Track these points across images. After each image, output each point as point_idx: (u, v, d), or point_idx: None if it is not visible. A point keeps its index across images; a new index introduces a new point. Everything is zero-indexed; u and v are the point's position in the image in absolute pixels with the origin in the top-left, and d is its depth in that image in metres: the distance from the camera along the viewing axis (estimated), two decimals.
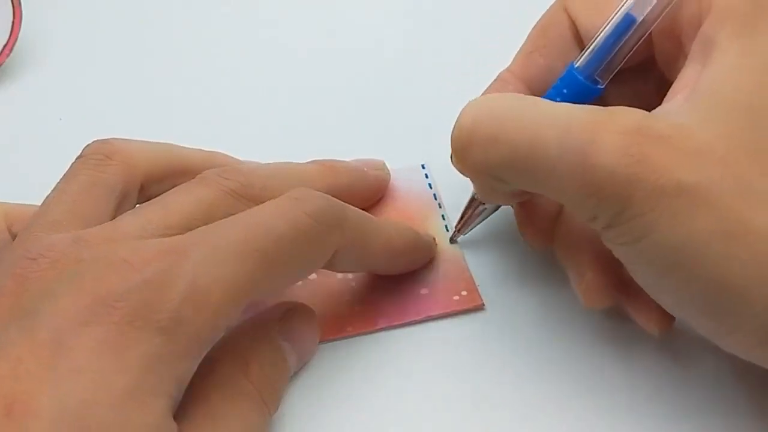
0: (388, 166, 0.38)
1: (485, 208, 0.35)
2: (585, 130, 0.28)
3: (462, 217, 0.36)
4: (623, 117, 0.28)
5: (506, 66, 0.36)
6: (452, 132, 0.30)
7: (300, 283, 0.34)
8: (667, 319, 0.31)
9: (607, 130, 0.27)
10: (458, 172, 0.31)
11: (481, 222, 0.36)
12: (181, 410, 0.28)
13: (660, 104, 0.30)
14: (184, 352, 0.26)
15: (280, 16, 0.47)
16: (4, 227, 0.32)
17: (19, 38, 0.44)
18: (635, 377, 0.32)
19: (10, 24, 0.43)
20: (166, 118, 0.41)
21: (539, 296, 0.35)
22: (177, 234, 0.28)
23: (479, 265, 0.35)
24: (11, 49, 0.43)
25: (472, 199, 0.35)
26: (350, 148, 0.38)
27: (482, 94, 0.35)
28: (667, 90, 0.31)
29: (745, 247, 0.26)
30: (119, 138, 0.32)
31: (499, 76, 0.36)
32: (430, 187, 0.38)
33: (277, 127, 0.41)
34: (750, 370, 0.30)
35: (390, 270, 0.35)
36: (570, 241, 0.33)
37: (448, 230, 0.37)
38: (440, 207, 0.37)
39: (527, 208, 0.35)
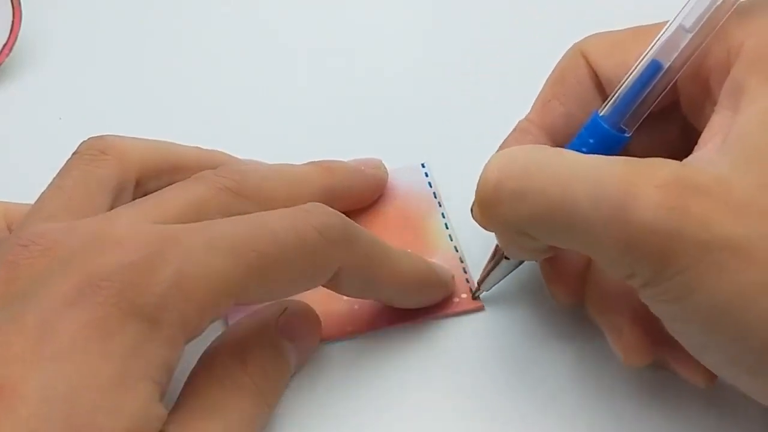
0: (388, 165, 0.38)
1: (509, 262, 0.33)
2: (620, 182, 0.26)
3: (485, 271, 0.34)
4: (659, 169, 0.27)
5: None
6: (477, 186, 0.29)
7: None
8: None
9: (644, 182, 0.26)
10: (480, 227, 0.31)
11: (504, 277, 0.34)
12: (178, 402, 0.28)
13: (683, 147, 0.29)
14: (169, 338, 0.26)
15: (280, 16, 0.47)
16: (3, 226, 0.32)
17: (18, 38, 0.43)
18: (634, 379, 0.32)
19: (9, 23, 0.43)
20: (166, 118, 0.41)
21: (538, 297, 0.35)
22: None
23: (479, 266, 0.35)
24: (11, 49, 0.43)
25: (495, 252, 0.34)
26: (350, 147, 0.38)
27: (501, 145, 0.34)
28: (691, 133, 0.30)
29: None
30: (114, 135, 0.32)
31: (517, 126, 0.34)
32: (430, 186, 0.38)
33: (276, 127, 0.41)
34: None
35: (401, 302, 0.34)
36: (602, 295, 0.32)
37: (447, 228, 0.37)
38: (440, 206, 0.37)
39: (554, 263, 0.33)
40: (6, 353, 0.25)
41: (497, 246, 0.33)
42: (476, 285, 0.35)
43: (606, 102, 0.31)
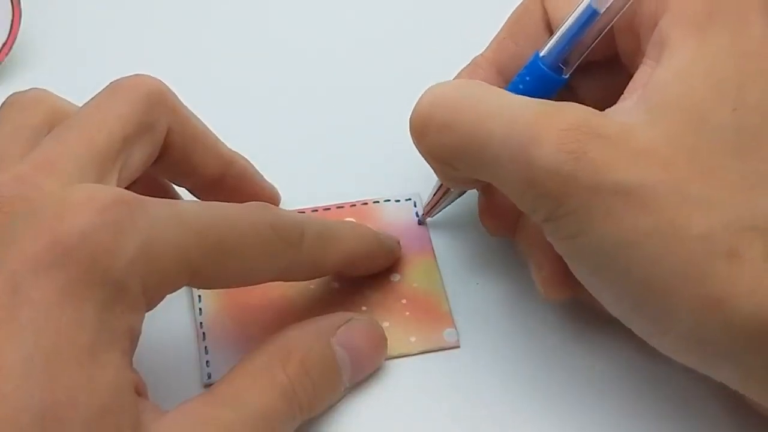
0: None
1: (452, 192, 0.36)
2: (529, 123, 0.28)
3: (430, 200, 0.37)
4: (568, 113, 0.28)
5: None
6: (411, 113, 0.31)
7: None
8: None
9: (550, 125, 0.28)
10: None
11: (448, 205, 0.37)
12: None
13: None
14: (134, 305, 0.26)
15: (279, 22, 0.47)
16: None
17: (18, 38, 0.43)
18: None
19: (9, 23, 0.43)
20: None
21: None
22: (110, 161, 0.29)
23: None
24: (10, 48, 0.43)
25: (439, 183, 0.36)
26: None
27: (455, 76, 0.36)
28: None
29: (675, 250, 0.27)
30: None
31: (472, 60, 0.36)
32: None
33: (270, 133, 0.42)
34: None
35: (350, 273, 0.35)
36: (530, 233, 0.34)
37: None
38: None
39: (490, 196, 0.35)
40: None
41: None
42: (423, 211, 0.37)
43: (545, 43, 0.32)
